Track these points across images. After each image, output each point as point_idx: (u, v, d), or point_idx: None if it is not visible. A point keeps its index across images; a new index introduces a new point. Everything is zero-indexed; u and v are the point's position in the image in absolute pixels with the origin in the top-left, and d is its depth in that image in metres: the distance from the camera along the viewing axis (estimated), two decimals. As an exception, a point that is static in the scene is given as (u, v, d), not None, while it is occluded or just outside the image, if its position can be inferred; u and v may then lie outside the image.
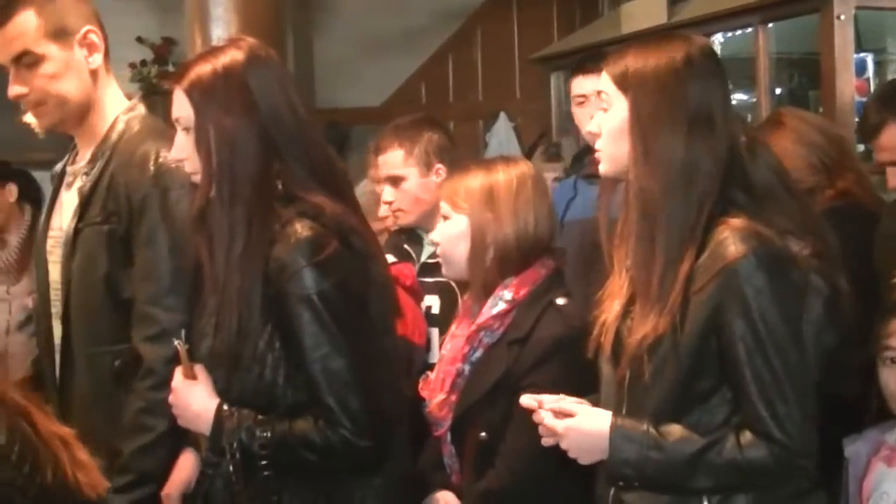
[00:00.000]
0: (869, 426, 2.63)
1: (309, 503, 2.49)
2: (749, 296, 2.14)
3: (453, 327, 2.91)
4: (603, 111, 2.30)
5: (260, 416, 2.42)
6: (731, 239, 2.16)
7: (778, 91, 6.47)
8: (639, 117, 2.24)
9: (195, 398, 2.48)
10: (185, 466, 2.75)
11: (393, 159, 3.55)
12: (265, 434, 2.39)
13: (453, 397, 2.77)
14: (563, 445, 2.28)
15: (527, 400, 2.33)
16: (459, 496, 2.82)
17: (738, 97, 6.58)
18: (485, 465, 2.71)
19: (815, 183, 3.47)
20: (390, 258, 3.40)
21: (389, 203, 3.56)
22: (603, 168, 2.33)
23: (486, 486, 2.71)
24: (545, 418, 2.29)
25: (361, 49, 9.11)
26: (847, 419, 2.74)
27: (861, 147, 5.51)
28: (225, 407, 2.44)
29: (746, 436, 2.16)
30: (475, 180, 2.83)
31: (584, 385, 2.42)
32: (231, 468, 2.42)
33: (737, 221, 2.18)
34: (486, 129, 8.97)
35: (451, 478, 2.81)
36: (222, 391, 2.48)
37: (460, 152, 3.72)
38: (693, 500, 2.22)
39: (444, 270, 2.95)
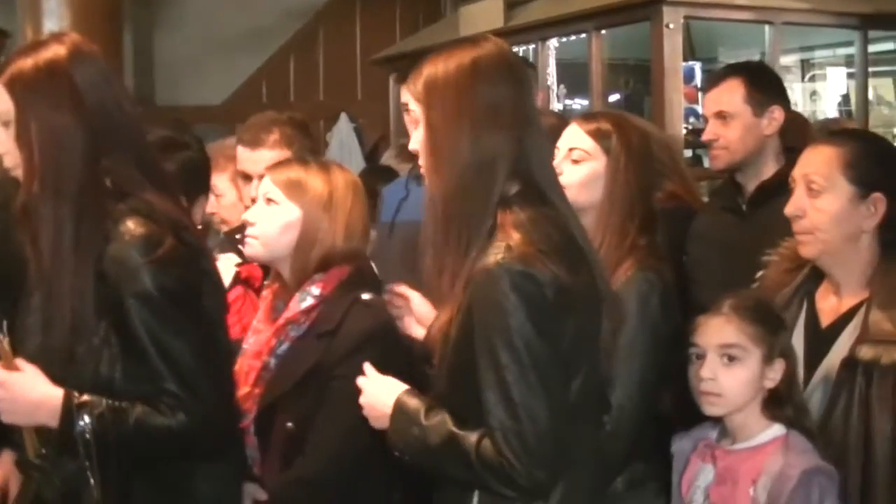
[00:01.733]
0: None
1: (156, 494, 2.47)
2: (498, 301, 2.17)
3: (255, 321, 2.91)
4: (414, 125, 2.36)
5: (115, 403, 2.37)
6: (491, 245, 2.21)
7: (615, 97, 6.64)
8: (431, 126, 2.29)
9: (33, 388, 2.39)
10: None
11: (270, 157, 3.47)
12: (120, 421, 2.36)
13: (257, 390, 2.77)
14: (361, 401, 2.39)
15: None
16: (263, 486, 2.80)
17: (574, 102, 6.72)
18: (293, 455, 2.71)
19: None
20: (235, 258, 3.39)
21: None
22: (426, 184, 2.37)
23: (297, 473, 2.71)
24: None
25: (204, 46, 9.01)
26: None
27: (688, 153, 5.70)
28: (75, 393, 2.37)
29: (485, 441, 2.18)
30: (316, 180, 2.83)
31: (395, 376, 2.45)
32: (86, 461, 2.36)
33: (507, 228, 2.22)
34: (327, 129, 8.96)
35: (252, 469, 2.80)
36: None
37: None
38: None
39: (247, 249, 2.92)
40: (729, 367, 2.51)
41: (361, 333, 2.68)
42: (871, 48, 6.29)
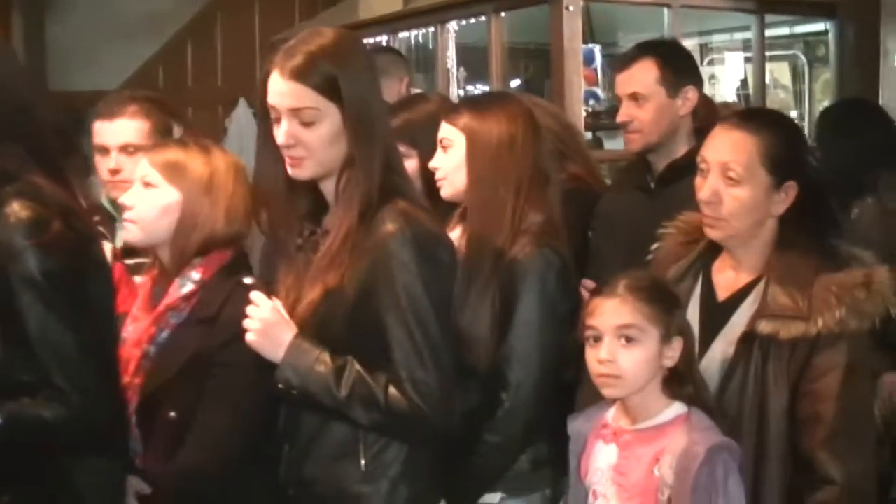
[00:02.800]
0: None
1: (38, 488, 2.45)
2: (395, 269, 2.42)
3: (134, 309, 2.84)
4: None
5: None
6: (388, 217, 2.45)
7: (516, 82, 6.63)
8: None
9: None
10: None
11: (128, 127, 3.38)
12: None
13: (137, 380, 2.70)
14: (249, 325, 2.50)
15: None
16: (146, 479, 2.74)
17: (473, 87, 6.69)
18: (176, 446, 2.65)
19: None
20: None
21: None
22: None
23: (181, 464, 2.64)
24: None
25: (99, 31, 8.83)
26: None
27: (588, 135, 5.71)
28: None
29: (392, 389, 2.43)
30: (196, 162, 2.76)
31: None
32: None
33: (401, 204, 2.46)
34: (225, 115, 8.84)
35: (135, 461, 2.73)
36: None
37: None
38: (351, 459, 2.50)
39: (125, 234, 2.84)
40: (627, 348, 2.49)
41: (243, 319, 2.60)
42: (768, 32, 6.36)
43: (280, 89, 2.48)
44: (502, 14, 5.59)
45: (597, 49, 6.28)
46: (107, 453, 2.57)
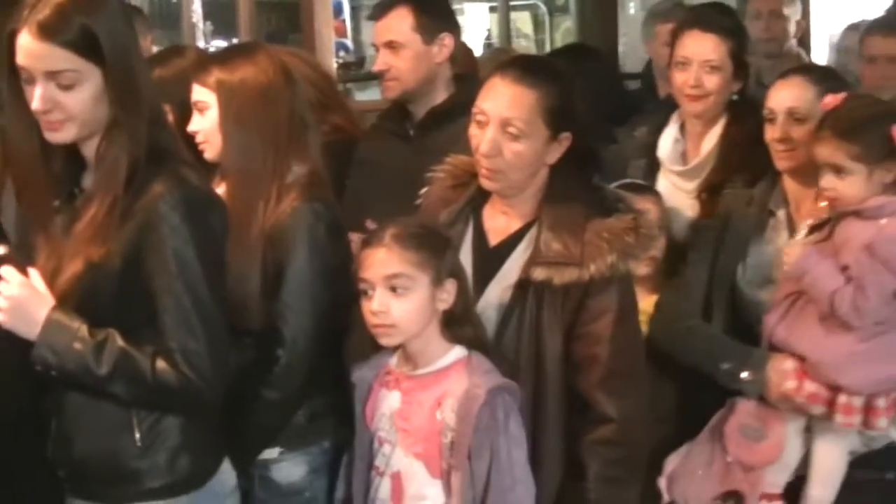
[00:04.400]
0: None
1: None
2: (165, 233, 2.31)
3: None
4: None
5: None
6: (156, 180, 2.33)
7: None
8: None
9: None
10: None
11: None
12: None
13: None
14: (1, 304, 2.35)
15: None
16: None
17: (220, 42, 6.57)
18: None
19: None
20: None
21: None
22: None
23: None
24: None
25: None
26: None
27: (341, 86, 5.69)
28: None
29: (160, 362, 2.32)
30: None
31: None
32: None
33: (169, 165, 2.37)
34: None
35: None
36: None
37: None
38: (124, 433, 2.39)
39: None
40: (398, 297, 2.49)
41: None
42: (512, -17, 6.50)
43: (31, 50, 2.28)
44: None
45: (345, 1, 6.26)
46: None
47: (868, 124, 2.79)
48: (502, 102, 2.61)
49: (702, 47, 3.35)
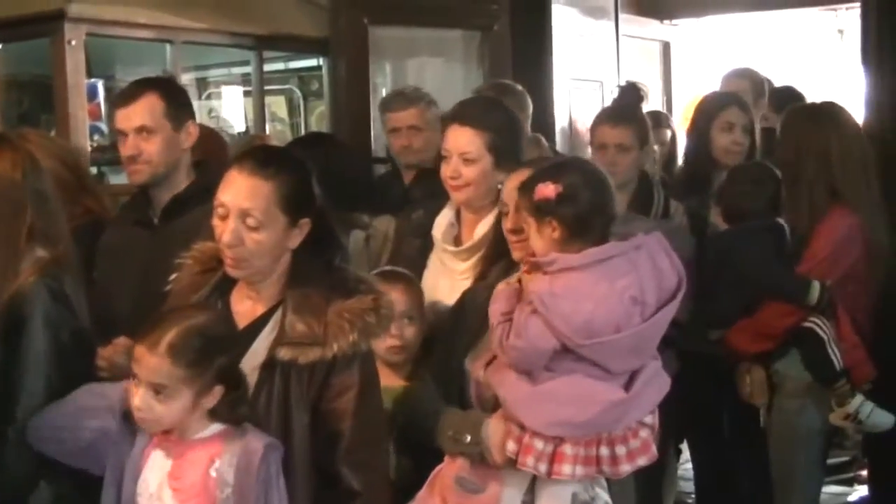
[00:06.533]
0: None
1: None
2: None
3: None
4: None
5: None
6: None
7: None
8: None
9: None
10: None
11: None
12: None
13: None
14: None
15: None
16: None
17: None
18: None
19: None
20: None
21: None
22: None
23: None
24: None
25: None
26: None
27: (94, 169, 5.69)
28: None
29: None
30: None
31: None
32: None
33: None
34: None
35: None
36: None
37: None
38: None
39: None
40: (161, 401, 2.58)
41: None
42: (266, 67, 6.61)
43: None
44: (1, 46, 5.46)
45: (100, 84, 6.25)
46: None
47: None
48: (240, 195, 2.73)
49: (459, 141, 3.53)
